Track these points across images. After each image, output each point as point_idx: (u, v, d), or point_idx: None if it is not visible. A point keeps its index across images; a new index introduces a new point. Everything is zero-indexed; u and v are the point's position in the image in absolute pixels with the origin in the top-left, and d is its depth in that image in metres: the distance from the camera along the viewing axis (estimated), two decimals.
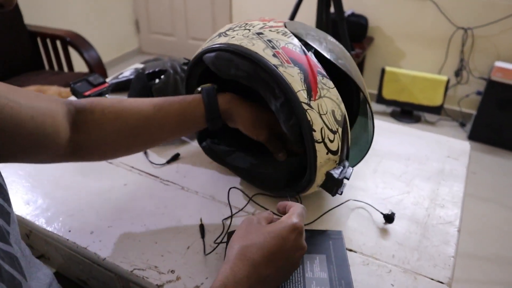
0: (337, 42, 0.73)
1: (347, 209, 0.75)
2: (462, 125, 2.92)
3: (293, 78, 0.60)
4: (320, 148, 0.61)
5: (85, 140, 0.65)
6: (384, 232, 0.70)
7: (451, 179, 0.84)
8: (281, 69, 0.60)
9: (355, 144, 0.80)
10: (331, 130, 0.61)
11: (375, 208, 0.74)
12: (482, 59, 2.74)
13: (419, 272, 0.63)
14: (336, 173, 0.64)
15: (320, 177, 0.65)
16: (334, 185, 0.65)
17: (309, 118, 0.60)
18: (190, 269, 0.63)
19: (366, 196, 0.78)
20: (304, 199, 0.76)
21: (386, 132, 0.99)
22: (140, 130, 0.68)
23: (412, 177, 0.84)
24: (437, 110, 2.89)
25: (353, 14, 2.89)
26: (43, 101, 0.58)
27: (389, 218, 0.71)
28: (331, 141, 0.62)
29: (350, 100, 0.76)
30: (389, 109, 3.12)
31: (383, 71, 2.91)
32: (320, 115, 0.60)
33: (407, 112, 3.04)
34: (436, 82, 2.80)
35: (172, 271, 0.62)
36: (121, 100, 0.69)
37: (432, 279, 0.62)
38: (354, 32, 2.77)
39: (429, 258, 0.65)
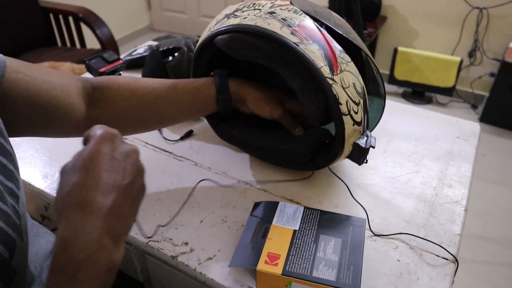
0: (341, 18, 0.74)
1: (356, 186, 0.77)
2: (474, 107, 2.89)
3: (315, 54, 0.61)
4: (347, 120, 0.63)
5: (101, 116, 0.67)
6: (392, 210, 0.72)
7: (459, 159, 0.85)
8: (301, 47, 0.61)
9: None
10: (354, 102, 0.63)
11: (383, 187, 0.76)
12: (496, 40, 2.69)
13: (425, 248, 0.65)
14: (362, 143, 0.66)
15: (347, 149, 0.67)
16: (361, 155, 0.67)
17: (335, 92, 0.61)
18: (203, 241, 0.65)
19: (375, 175, 0.79)
20: (315, 177, 0.78)
21: (397, 113, 1.00)
22: (153, 107, 0.69)
23: (421, 157, 0.85)
24: (449, 91, 2.86)
25: None
26: (56, 76, 0.61)
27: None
28: (356, 113, 0.64)
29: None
30: (400, 90, 3.10)
31: (395, 51, 2.88)
32: (344, 88, 0.62)
33: (418, 93, 3.01)
34: (449, 63, 2.77)
35: (186, 243, 0.65)
36: (137, 78, 0.71)
37: (437, 256, 0.63)
38: (367, 10, 2.73)
39: (435, 236, 0.67)
